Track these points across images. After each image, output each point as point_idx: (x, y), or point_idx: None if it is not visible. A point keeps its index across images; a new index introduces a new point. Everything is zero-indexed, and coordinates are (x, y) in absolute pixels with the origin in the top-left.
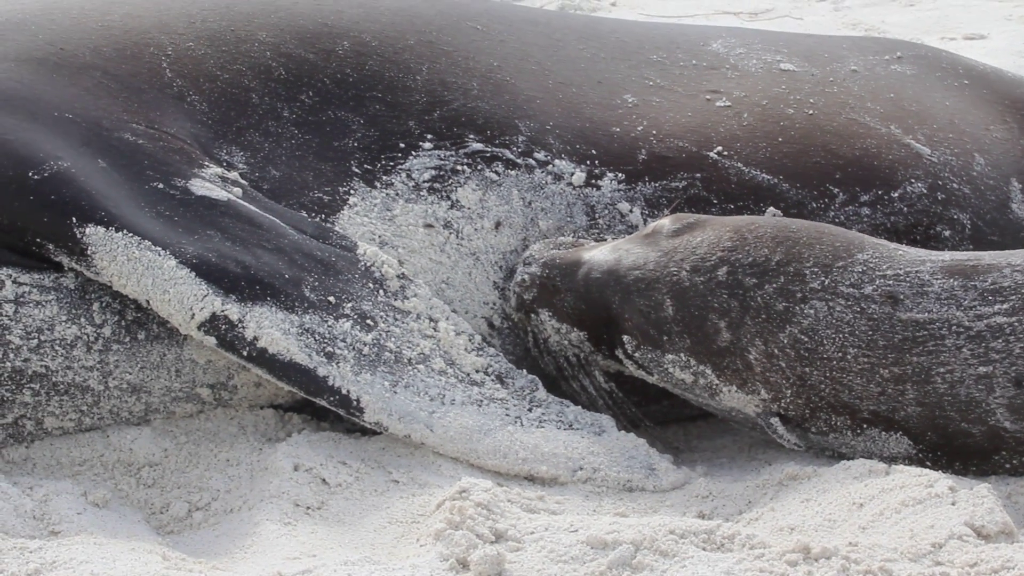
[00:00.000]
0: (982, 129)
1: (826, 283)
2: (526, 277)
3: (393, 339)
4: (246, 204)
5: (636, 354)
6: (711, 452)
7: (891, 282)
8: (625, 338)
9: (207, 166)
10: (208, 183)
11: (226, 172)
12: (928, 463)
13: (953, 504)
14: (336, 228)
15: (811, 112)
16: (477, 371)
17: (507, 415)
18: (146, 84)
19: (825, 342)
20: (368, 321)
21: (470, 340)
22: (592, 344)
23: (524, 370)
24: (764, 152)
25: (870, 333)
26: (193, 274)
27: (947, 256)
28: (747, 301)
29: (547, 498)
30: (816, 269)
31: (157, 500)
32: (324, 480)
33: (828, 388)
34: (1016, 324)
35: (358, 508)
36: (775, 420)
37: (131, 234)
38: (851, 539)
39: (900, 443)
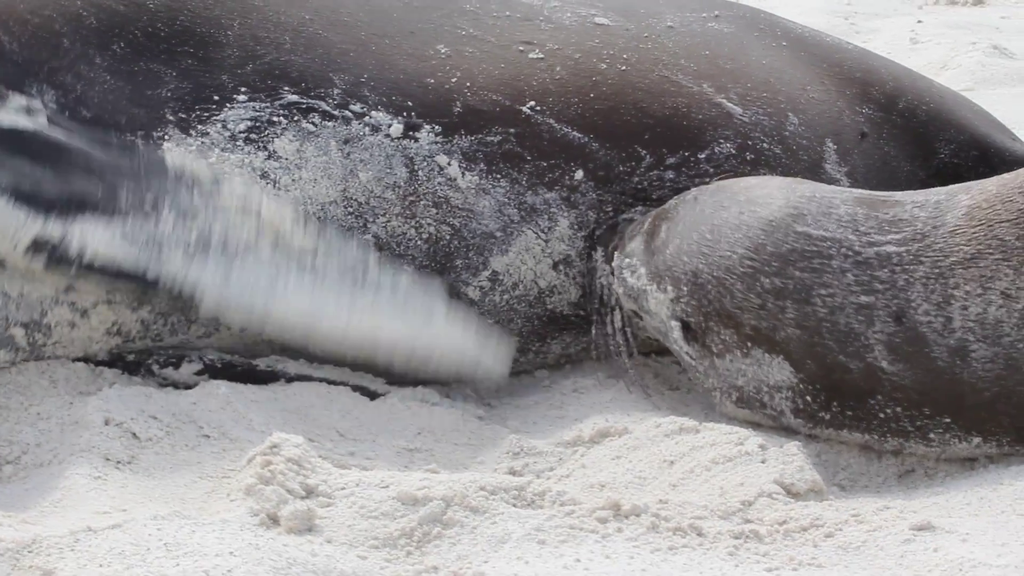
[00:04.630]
0: (798, 89)
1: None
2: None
3: (216, 233)
4: (52, 132)
5: (613, 262)
6: (523, 409)
7: (801, 199)
8: (616, 253)
9: (9, 98)
10: (12, 115)
11: (30, 102)
12: (808, 398)
13: (763, 462)
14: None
15: (624, 68)
16: (305, 252)
17: (340, 297)
18: None
19: (721, 241)
20: (189, 220)
21: (294, 223)
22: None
23: (355, 242)
24: (576, 108)
25: (761, 237)
26: (10, 204)
27: (866, 192)
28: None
29: (358, 454)
30: (737, 187)
31: None
32: (135, 434)
33: (715, 290)
34: (904, 255)
35: (168, 463)
36: (675, 324)
37: None
38: (661, 496)
39: (783, 370)
